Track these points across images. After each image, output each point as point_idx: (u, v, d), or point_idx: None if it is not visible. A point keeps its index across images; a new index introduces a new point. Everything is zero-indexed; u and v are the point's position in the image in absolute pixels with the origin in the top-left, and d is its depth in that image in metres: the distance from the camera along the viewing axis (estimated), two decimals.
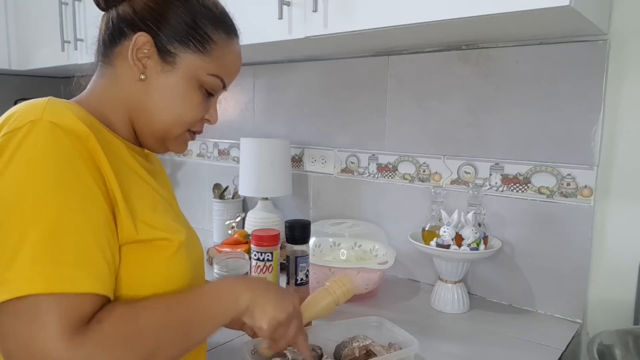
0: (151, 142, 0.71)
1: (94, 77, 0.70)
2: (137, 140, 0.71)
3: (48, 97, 0.60)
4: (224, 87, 0.72)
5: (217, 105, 0.75)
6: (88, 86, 0.70)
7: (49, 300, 0.50)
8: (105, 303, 0.55)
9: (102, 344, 0.51)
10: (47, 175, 0.53)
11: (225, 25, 0.70)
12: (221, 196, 1.71)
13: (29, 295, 0.49)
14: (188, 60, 0.66)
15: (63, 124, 0.56)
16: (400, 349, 0.81)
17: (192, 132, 0.73)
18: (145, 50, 0.65)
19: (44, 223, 0.51)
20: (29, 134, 0.54)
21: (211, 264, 1.27)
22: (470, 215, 1.09)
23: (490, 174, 1.20)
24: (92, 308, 0.53)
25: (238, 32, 0.73)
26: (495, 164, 1.19)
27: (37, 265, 0.50)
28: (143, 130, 0.69)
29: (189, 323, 0.60)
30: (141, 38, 0.65)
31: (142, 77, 0.66)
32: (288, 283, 1.10)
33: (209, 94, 0.71)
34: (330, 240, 1.30)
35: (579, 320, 1.10)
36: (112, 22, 0.67)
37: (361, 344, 0.81)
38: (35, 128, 0.54)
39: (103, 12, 0.70)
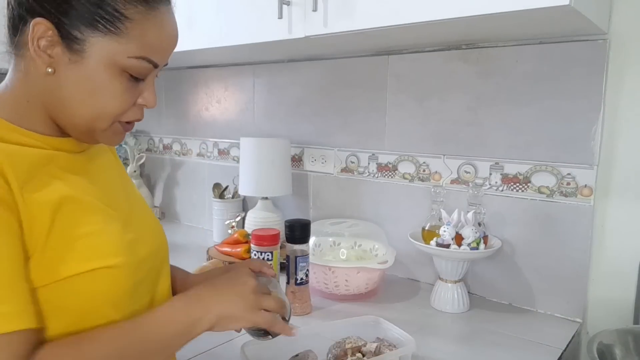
0: (78, 136, 0.62)
1: (9, 70, 0.61)
2: (62, 131, 0.63)
3: None
4: (156, 67, 0.61)
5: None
6: (4, 80, 0.61)
7: None
8: (39, 335, 0.53)
9: None
10: None
11: None
12: (221, 196, 1.71)
13: None
14: (100, 45, 0.56)
15: None
16: (393, 346, 0.81)
17: (126, 122, 0.64)
18: (48, 38, 0.56)
19: None
20: None
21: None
22: (470, 215, 1.09)
23: (490, 174, 1.20)
24: (28, 344, 0.51)
25: None
26: (495, 163, 1.19)
27: None
28: (65, 126, 0.61)
29: (140, 353, 0.57)
30: (39, 25, 0.55)
31: (49, 70, 0.57)
32: (288, 283, 1.11)
33: (137, 79, 0.60)
34: (330, 239, 1.30)
35: (579, 320, 1.10)
36: (11, 5, 0.58)
37: (354, 345, 0.81)
38: None
39: None
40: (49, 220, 0.55)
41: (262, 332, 0.69)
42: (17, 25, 0.58)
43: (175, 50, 0.65)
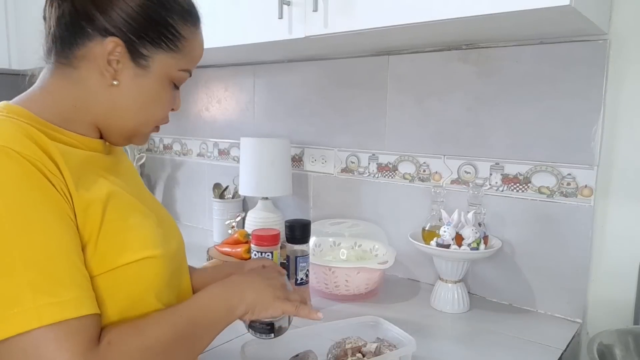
0: (116, 139, 0.68)
1: (46, 75, 0.64)
2: (97, 134, 0.67)
3: None
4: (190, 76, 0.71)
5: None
6: (38, 84, 0.64)
7: (55, 329, 0.49)
8: (100, 322, 0.56)
9: None
10: (18, 200, 0.51)
11: (192, 17, 0.66)
12: (221, 196, 1.71)
13: (34, 329, 0.48)
14: (161, 61, 0.64)
15: (16, 147, 0.52)
16: (393, 346, 0.81)
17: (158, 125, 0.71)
18: (117, 54, 0.61)
19: (30, 250, 0.50)
20: None
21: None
22: (470, 215, 1.09)
23: (491, 174, 1.20)
24: (96, 329, 0.54)
25: (200, 18, 0.69)
26: (496, 163, 1.19)
27: (39, 295, 0.49)
28: (110, 131, 0.66)
29: (192, 336, 0.61)
30: (112, 44, 0.60)
31: (115, 82, 0.62)
32: None
33: (176, 87, 0.69)
34: (330, 240, 1.30)
35: (579, 320, 1.10)
36: (68, 17, 0.61)
37: (354, 345, 0.81)
38: None
39: (48, 1, 0.63)
40: (100, 215, 0.58)
41: (268, 329, 0.73)
42: (74, 38, 0.61)
43: None
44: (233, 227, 1.55)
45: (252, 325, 0.73)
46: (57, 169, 0.55)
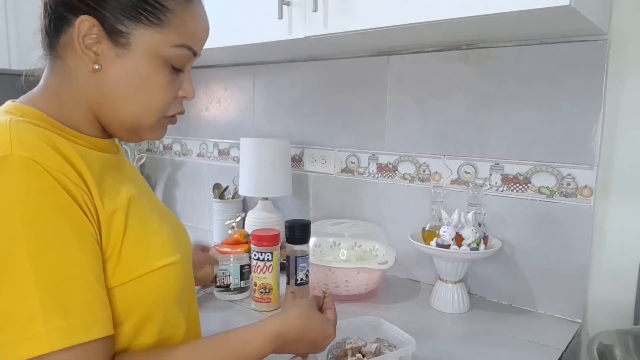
0: (122, 134, 0.64)
1: (45, 73, 0.62)
2: (105, 132, 0.64)
3: (8, 117, 0.54)
4: (195, 55, 0.64)
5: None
6: (41, 82, 0.62)
7: (65, 355, 0.48)
8: (113, 342, 0.54)
9: None
10: (35, 217, 0.49)
11: None
12: (221, 196, 1.71)
13: (44, 355, 0.47)
14: (144, 38, 0.58)
15: (38, 158, 0.50)
16: (394, 347, 0.81)
17: (170, 117, 0.65)
18: (94, 36, 0.57)
19: (44, 270, 0.48)
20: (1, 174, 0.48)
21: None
22: (470, 215, 1.09)
23: (490, 174, 1.20)
24: (106, 352, 0.52)
25: None
26: (495, 163, 1.19)
27: (50, 318, 0.48)
28: (110, 124, 0.62)
29: None
30: (85, 22, 0.56)
31: (97, 67, 0.58)
32: (288, 283, 1.11)
33: (177, 70, 0.62)
34: (330, 240, 1.30)
35: (579, 320, 1.10)
36: (50, 7, 0.59)
37: (354, 345, 0.81)
38: (4, 169, 0.48)
39: None
40: (123, 222, 0.57)
41: None
42: (58, 27, 0.59)
43: None
44: (233, 227, 1.55)
45: None
46: (82, 180, 0.54)
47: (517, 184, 1.17)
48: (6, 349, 0.47)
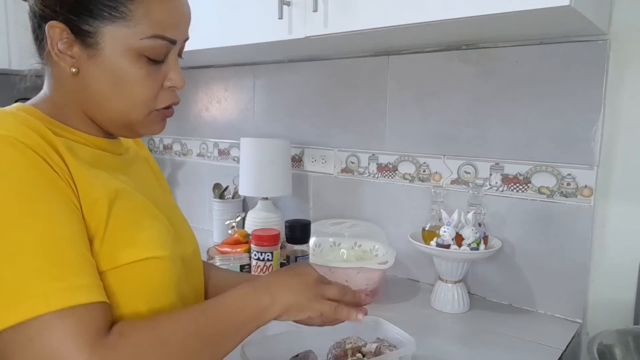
0: (118, 131, 0.65)
1: (45, 78, 0.65)
2: (104, 130, 0.65)
3: (2, 109, 0.56)
4: (174, 43, 0.62)
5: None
6: (43, 87, 0.65)
7: (63, 316, 0.47)
8: (109, 311, 0.54)
9: (126, 354, 0.49)
10: (23, 188, 0.50)
11: None
12: (221, 196, 1.71)
13: (41, 315, 0.47)
14: (111, 34, 0.58)
15: (20, 138, 0.51)
16: (394, 347, 0.81)
17: (164, 109, 0.64)
18: (65, 40, 0.58)
19: (37, 236, 0.49)
20: None
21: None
22: (470, 215, 1.09)
23: (491, 174, 1.20)
24: (105, 319, 0.52)
25: None
26: (496, 163, 1.19)
27: (46, 281, 0.48)
28: (103, 123, 0.63)
29: (216, 335, 0.57)
30: (53, 29, 0.58)
31: (74, 70, 0.59)
32: None
33: (156, 61, 0.61)
34: (330, 240, 1.30)
35: (579, 320, 1.10)
36: (31, 19, 0.61)
37: (354, 345, 0.81)
38: None
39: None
40: (106, 211, 0.56)
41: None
42: (39, 37, 0.60)
43: None
44: (233, 227, 1.55)
45: None
46: (62, 161, 0.54)
47: (517, 184, 1.17)
48: (1, 313, 0.47)
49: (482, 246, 1.08)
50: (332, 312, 0.66)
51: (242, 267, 1.18)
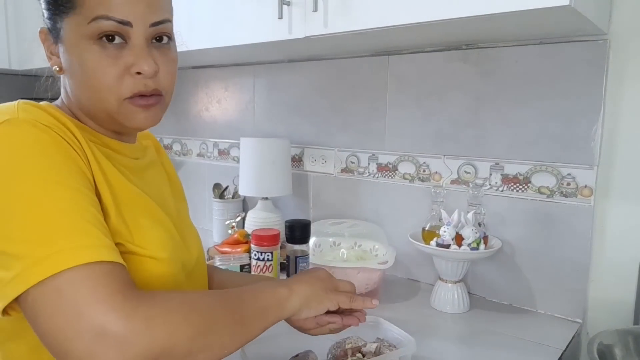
0: (109, 126, 0.66)
1: None
2: (121, 133, 0.68)
3: (18, 100, 0.58)
4: (125, 24, 0.59)
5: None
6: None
7: (92, 269, 0.48)
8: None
9: (159, 306, 0.50)
10: (46, 158, 0.52)
11: None
12: (221, 196, 1.71)
13: (73, 267, 0.47)
14: (68, 25, 0.60)
15: (41, 120, 0.55)
16: (394, 346, 0.81)
17: (137, 97, 0.62)
18: (49, 42, 0.63)
19: (63, 201, 0.50)
20: (5, 130, 0.52)
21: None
22: (470, 215, 1.09)
23: (490, 174, 1.20)
24: (130, 280, 0.52)
25: None
26: (495, 163, 1.19)
27: (74, 238, 0.49)
28: (101, 120, 0.65)
29: (240, 311, 0.58)
30: (41, 34, 0.64)
31: (56, 68, 0.63)
32: None
33: (114, 44, 0.59)
34: (330, 240, 1.30)
35: (579, 320, 1.10)
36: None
37: (354, 345, 0.81)
38: (11, 125, 0.53)
39: None
40: (112, 200, 0.59)
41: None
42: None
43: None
44: (233, 227, 1.55)
45: None
46: (80, 145, 0.57)
47: (517, 184, 1.17)
48: (29, 271, 0.47)
49: (482, 246, 1.08)
50: (349, 301, 0.70)
51: (242, 267, 1.18)
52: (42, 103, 0.62)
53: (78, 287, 0.47)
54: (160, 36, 0.63)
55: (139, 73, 0.60)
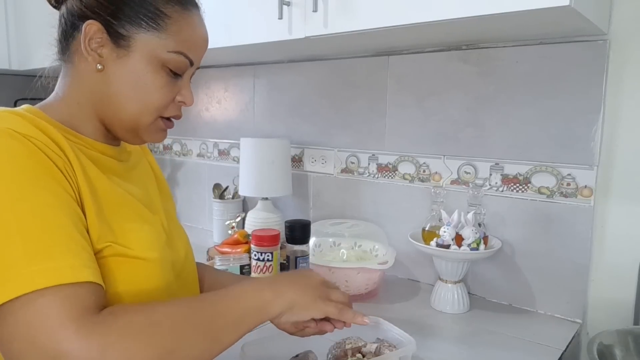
0: (123, 134, 0.68)
1: (59, 79, 0.68)
2: (109, 136, 0.69)
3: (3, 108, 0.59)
4: (192, 64, 0.68)
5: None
6: (55, 89, 0.68)
7: (48, 294, 0.48)
8: (102, 294, 0.54)
9: (115, 333, 0.49)
10: (17, 174, 0.52)
11: None
12: (221, 196, 1.71)
13: (28, 293, 0.47)
14: (143, 41, 0.63)
15: (19, 130, 0.54)
16: (394, 347, 0.81)
17: (167, 119, 0.69)
18: (98, 39, 0.62)
19: (26, 220, 0.50)
20: None
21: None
22: (470, 215, 1.09)
23: (490, 174, 1.20)
24: (93, 298, 0.51)
25: (197, 3, 0.68)
26: (495, 164, 1.19)
27: (33, 261, 0.48)
28: (112, 124, 0.66)
29: (212, 324, 0.57)
30: (91, 27, 0.62)
31: (99, 67, 0.63)
32: None
33: (176, 74, 0.66)
34: (330, 240, 1.30)
35: (579, 320, 1.10)
36: (64, 17, 0.65)
37: (354, 345, 0.81)
38: None
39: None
40: (97, 205, 0.59)
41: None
42: (69, 34, 0.65)
43: None
44: (233, 227, 1.55)
45: None
46: (63, 153, 0.57)
47: (517, 184, 1.17)
48: None
49: (482, 246, 1.08)
50: (338, 313, 0.67)
51: (242, 268, 1.18)
52: (25, 107, 0.63)
53: (31, 314, 0.47)
54: None
55: (181, 102, 0.69)
